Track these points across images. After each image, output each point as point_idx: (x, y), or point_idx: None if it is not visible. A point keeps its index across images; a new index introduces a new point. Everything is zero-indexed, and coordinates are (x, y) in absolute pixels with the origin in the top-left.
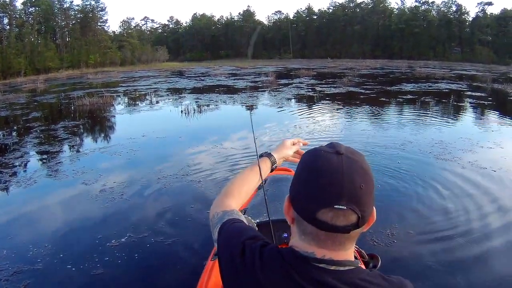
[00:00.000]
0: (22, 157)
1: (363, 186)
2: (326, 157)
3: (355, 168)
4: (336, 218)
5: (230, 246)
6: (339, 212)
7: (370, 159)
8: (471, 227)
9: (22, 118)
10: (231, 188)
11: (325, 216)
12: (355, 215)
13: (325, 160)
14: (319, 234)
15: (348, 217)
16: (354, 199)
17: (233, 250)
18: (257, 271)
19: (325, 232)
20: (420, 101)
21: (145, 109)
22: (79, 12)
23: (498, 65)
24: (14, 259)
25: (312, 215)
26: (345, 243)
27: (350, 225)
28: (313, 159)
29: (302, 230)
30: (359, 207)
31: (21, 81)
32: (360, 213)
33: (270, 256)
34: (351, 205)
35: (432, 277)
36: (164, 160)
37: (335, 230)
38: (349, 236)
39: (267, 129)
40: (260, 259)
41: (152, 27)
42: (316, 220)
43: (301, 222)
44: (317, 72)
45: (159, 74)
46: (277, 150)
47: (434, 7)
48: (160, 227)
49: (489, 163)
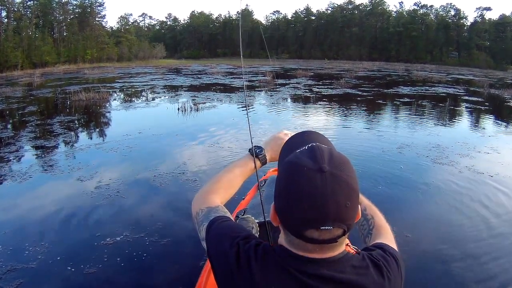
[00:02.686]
0: (17, 151)
1: (349, 204)
2: (309, 177)
3: (340, 187)
4: (323, 235)
5: (222, 246)
6: (325, 231)
7: (366, 163)
8: (468, 230)
9: (18, 112)
10: (216, 184)
11: (312, 234)
12: (341, 229)
13: (308, 180)
14: (307, 245)
15: (335, 232)
16: (339, 218)
17: (227, 251)
18: (254, 271)
19: (313, 245)
20: (417, 105)
21: (141, 105)
22: (77, 7)
23: (495, 71)
24: (8, 257)
25: (299, 233)
26: (334, 248)
27: (337, 237)
28: (295, 178)
29: (289, 240)
30: (345, 223)
31: (18, 75)
32: (346, 227)
33: (265, 255)
34: (337, 224)
35: (429, 280)
36: (160, 157)
37: (323, 243)
38: (338, 243)
39: (262, 128)
40: (256, 259)
41: (150, 24)
42: (303, 237)
43: (287, 234)
44: (314, 73)
45: (156, 71)
46: (270, 144)
47: (433, 11)
48: (156, 226)
49: (486, 168)
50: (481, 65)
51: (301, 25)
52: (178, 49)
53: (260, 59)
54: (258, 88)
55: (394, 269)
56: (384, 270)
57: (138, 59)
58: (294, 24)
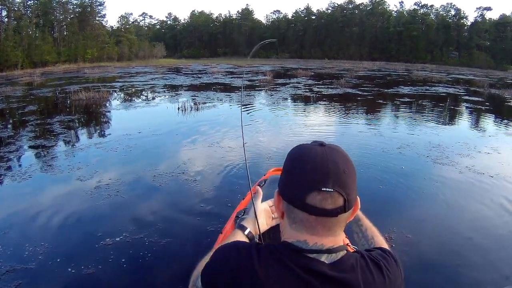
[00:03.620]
0: (17, 151)
1: (346, 171)
2: (310, 148)
3: (337, 156)
4: (324, 201)
5: (221, 256)
6: (326, 195)
7: (367, 162)
8: (468, 231)
9: (18, 111)
10: None
11: (314, 200)
12: (341, 197)
13: (310, 150)
14: (310, 220)
15: (335, 199)
16: (339, 182)
17: (227, 256)
18: (256, 266)
19: (315, 217)
20: (417, 104)
21: (141, 105)
22: (77, 6)
23: (496, 70)
24: (7, 257)
25: (302, 200)
26: (334, 228)
27: (338, 208)
28: (299, 151)
29: (293, 219)
30: (344, 190)
31: (18, 74)
32: (346, 196)
33: (267, 251)
34: (337, 188)
35: (430, 280)
36: (160, 157)
37: (325, 214)
38: (338, 221)
39: (262, 128)
40: (258, 256)
41: (150, 23)
42: (306, 205)
43: (291, 211)
44: (314, 73)
45: (156, 71)
46: (253, 220)
47: (433, 10)
48: (156, 225)
49: (487, 168)
50: (481, 65)
51: (302, 24)
52: (178, 49)
53: (261, 59)
54: (258, 87)
55: (394, 269)
56: (384, 270)
57: (138, 59)
58: (295, 24)
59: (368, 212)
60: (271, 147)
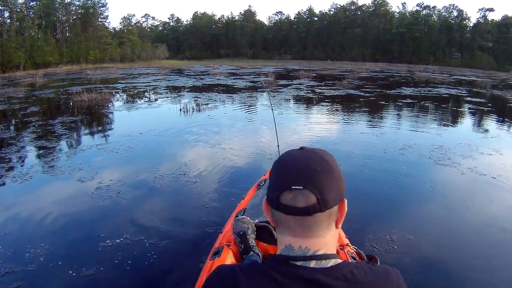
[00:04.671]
0: (19, 152)
1: (319, 169)
2: (290, 152)
3: (312, 157)
4: (295, 199)
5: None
6: (297, 193)
7: (368, 164)
8: (469, 232)
9: (20, 112)
10: None
11: (286, 199)
12: (313, 195)
13: (288, 153)
14: (287, 220)
15: (307, 197)
16: (310, 180)
17: (212, 278)
18: (240, 281)
19: (292, 217)
20: (420, 106)
21: (143, 106)
22: (80, 7)
23: (498, 72)
24: (7, 258)
25: (277, 200)
26: (314, 228)
27: (311, 206)
28: (281, 157)
29: (276, 221)
30: (316, 189)
31: (20, 75)
32: (319, 195)
33: (252, 267)
34: (307, 186)
35: (431, 282)
36: (161, 158)
37: (298, 212)
38: (316, 221)
39: (263, 129)
40: (242, 272)
41: (152, 25)
42: (280, 204)
43: (273, 213)
44: (316, 74)
45: (159, 72)
46: None
47: (435, 12)
48: (156, 227)
49: (489, 169)
50: (484, 66)
51: (304, 26)
52: (181, 50)
53: (263, 60)
54: (260, 88)
55: (396, 279)
56: (389, 273)
57: (140, 60)
58: (297, 25)
59: (370, 213)
60: (274, 146)
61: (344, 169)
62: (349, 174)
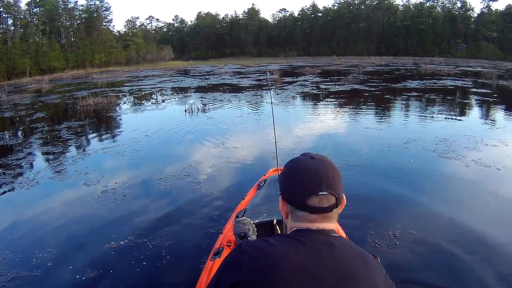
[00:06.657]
0: (26, 158)
1: (335, 176)
2: (304, 161)
3: (326, 166)
4: (321, 202)
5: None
6: (323, 197)
7: (372, 158)
8: (474, 226)
9: (27, 118)
10: None
11: (313, 202)
12: (334, 197)
13: (304, 163)
14: (310, 215)
15: (330, 199)
16: (330, 186)
17: (233, 255)
18: (273, 242)
19: (316, 214)
20: (425, 98)
21: (149, 108)
22: (83, 12)
23: (504, 61)
24: (13, 263)
25: (303, 203)
26: (330, 219)
27: (332, 205)
28: (295, 164)
29: (296, 216)
30: (335, 191)
31: (26, 82)
32: (337, 195)
33: (275, 236)
34: (329, 190)
35: (434, 277)
36: (166, 160)
37: (323, 211)
38: (332, 213)
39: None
40: (269, 239)
41: (157, 26)
42: (307, 206)
43: (294, 212)
44: (322, 70)
45: (164, 73)
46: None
47: (439, 3)
48: (159, 228)
49: (494, 161)
50: (489, 57)
51: (308, 22)
52: (186, 51)
53: (269, 58)
54: (266, 87)
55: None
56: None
57: (146, 62)
58: (301, 22)
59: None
60: (276, 146)
61: (349, 164)
62: (354, 168)
